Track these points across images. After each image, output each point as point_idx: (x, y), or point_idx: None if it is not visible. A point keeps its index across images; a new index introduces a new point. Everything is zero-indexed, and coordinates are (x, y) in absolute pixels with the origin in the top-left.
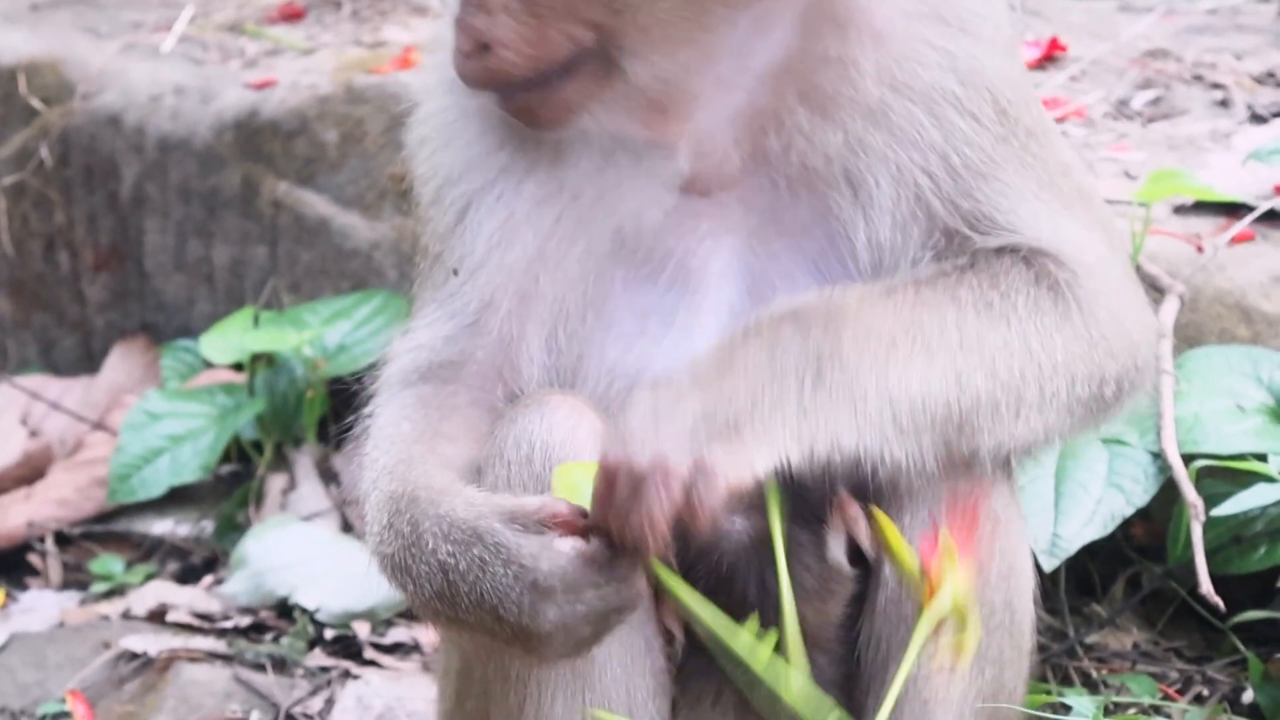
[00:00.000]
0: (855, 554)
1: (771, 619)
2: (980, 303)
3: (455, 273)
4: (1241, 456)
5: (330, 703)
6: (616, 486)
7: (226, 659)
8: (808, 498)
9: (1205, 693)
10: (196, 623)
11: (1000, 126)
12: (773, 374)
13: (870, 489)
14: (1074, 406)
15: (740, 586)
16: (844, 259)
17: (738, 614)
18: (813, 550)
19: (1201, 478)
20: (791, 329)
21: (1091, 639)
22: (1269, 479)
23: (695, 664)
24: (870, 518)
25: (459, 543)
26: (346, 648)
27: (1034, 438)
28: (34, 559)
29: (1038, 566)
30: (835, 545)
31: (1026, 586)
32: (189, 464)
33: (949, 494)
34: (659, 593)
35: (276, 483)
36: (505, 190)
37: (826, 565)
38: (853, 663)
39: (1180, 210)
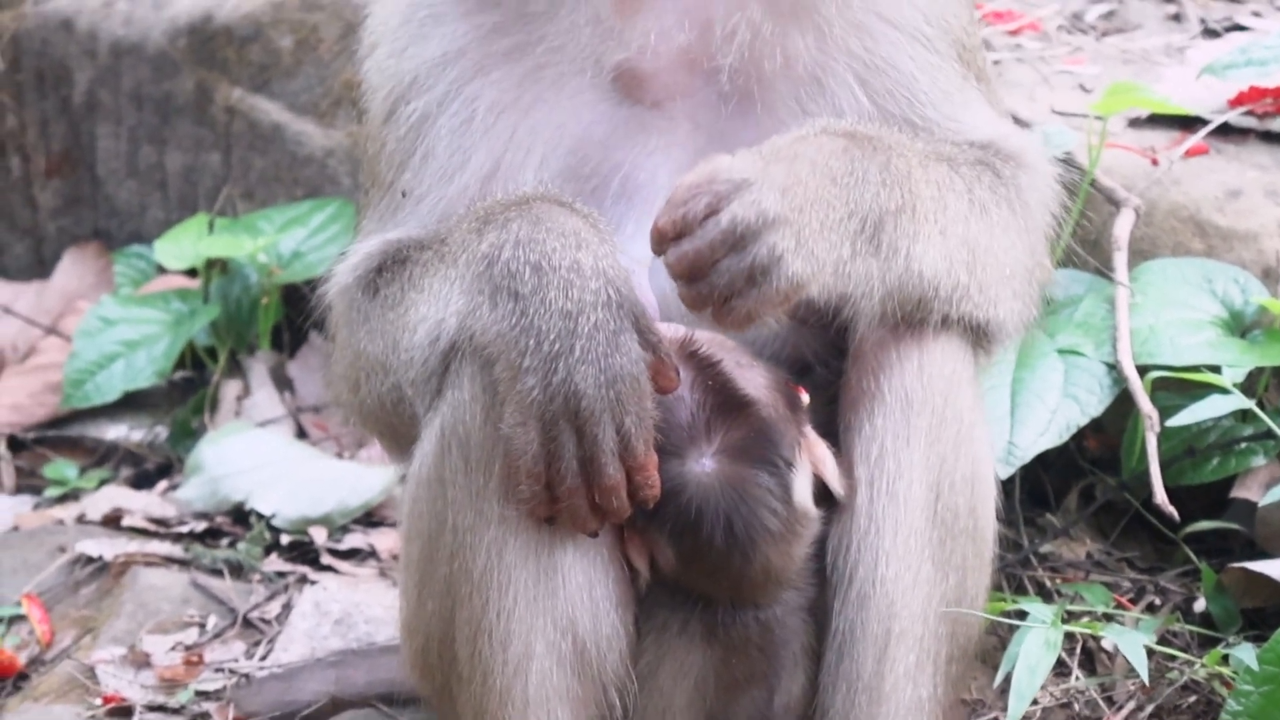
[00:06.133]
0: (821, 494)
1: (738, 562)
2: (981, 206)
3: (404, 195)
4: (1196, 368)
5: (288, 607)
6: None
7: (183, 564)
8: (773, 438)
9: (1158, 602)
10: (152, 528)
11: (961, 66)
12: (847, 207)
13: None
14: (1010, 299)
15: (708, 529)
16: None
17: (704, 557)
18: (778, 494)
19: (1156, 389)
20: (879, 174)
21: (1046, 549)
22: (1223, 390)
23: (660, 594)
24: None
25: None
26: (303, 553)
27: (979, 320)
28: None
29: None
30: (801, 488)
31: (989, 494)
32: (143, 370)
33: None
34: (623, 528)
35: (231, 389)
36: (463, 104)
37: (792, 508)
38: (821, 580)
39: (1135, 123)
